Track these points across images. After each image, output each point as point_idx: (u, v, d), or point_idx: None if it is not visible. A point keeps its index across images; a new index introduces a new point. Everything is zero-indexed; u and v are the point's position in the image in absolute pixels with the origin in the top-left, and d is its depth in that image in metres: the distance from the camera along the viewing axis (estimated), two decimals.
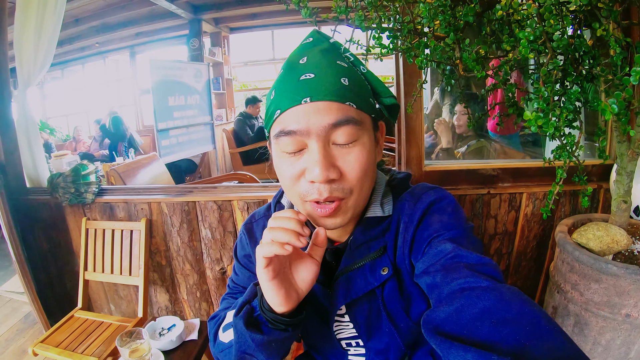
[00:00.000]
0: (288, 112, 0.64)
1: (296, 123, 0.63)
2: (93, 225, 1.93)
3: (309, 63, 0.66)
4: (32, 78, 2.07)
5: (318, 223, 0.70)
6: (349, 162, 0.65)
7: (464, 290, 0.54)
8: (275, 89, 0.69)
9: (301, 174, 0.66)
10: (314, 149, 0.64)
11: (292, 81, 0.65)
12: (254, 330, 0.66)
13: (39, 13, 1.95)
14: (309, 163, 0.64)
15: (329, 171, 0.63)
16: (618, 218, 1.25)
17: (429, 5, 0.80)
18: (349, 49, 0.73)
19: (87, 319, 1.83)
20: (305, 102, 0.63)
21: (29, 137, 2.08)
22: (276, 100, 0.67)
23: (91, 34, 5.96)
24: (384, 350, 0.82)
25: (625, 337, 1.18)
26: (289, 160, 0.67)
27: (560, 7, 0.80)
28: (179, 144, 4.43)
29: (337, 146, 0.65)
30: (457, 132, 2.50)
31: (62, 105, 7.93)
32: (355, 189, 0.68)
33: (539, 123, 0.70)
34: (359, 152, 0.66)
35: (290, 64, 0.69)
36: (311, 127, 0.63)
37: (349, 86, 0.65)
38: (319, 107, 0.63)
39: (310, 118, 0.63)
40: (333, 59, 0.68)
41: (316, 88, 0.63)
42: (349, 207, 0.69)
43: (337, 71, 0.66)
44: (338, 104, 0.63)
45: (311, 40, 0.73)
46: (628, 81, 0.65)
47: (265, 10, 5.70)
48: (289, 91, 0.65)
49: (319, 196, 0.65)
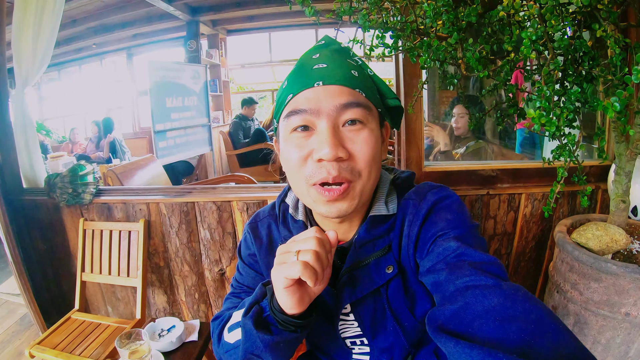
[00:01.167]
0: (300, 95, 0.67)
1: (307, 103, 0.66)
2: (90, 226, 1.92)
3: (322, 57, 0.70)
4: (29, 78, 2.06)
5: (323, 211, 0.69)
6: (358, 144, 0.66)
7: (469, 289, 0.54)
8: (288, 79, 0.72)
9: (308, 155, 0.67)
10: (323, 128, 0.65)
11: (306, 71, 0.69)
12: (263, 331, 0.65)
13: (38, 13, 1.95)
14: (318, 143, 0.65)
15: (338, 149, 0.64)
16: (617, 218, 1.26)
17: (433, 5, 0.81)
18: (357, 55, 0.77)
19: (85, 320, 1.81)
20: (318, 84, 0.66)
21: (26, 137, 2.07)
22: (288, 87, 0.70)
23: (89, 35, 5.94)
24: (389, 348, 0.82)
25: (625, 335, 1.19)
26: (298, 142, 0.68)
27: (560, 9, 0.81)
28: (176, 146, 4.42)
29: (345, 129, 0.67)
30: (456, 134, 2.51)
31: (59, 106, 7.89)
32: (364, 173, 0.68)
33: (542, 121, 0.70)
34: (367, 135, 0.67)
35: (303, 59, 0.73)
36: (322, 106, 0.65)
37: (358, 77, 0.69)
38: (330, 89, 0.66)
39: (321, 98, 0.65)
40: (344, 57, 0.72)
41: (328, 74, 0.67)
42: (357, 193, 0.69)
43: (348, 65, 0.70)
44: (349, 89, 0.67)
45: (324, 42, 0.77)
46: (630, 80, 0.66)
47: (263, 12, 5.72)
48: (302, 77, 0.68)
49: (327, 175, 0.65)
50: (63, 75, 7.72)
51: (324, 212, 0.70)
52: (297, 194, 0.75)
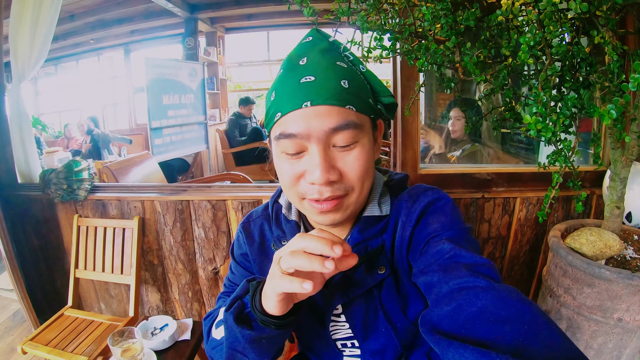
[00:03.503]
0: (289, 116, 0.64)
1: (297, 126, 0.64)
2: (85, 223, 1.91)
3: (309, 64, 0.66)
4: (26, 72, 2.04)
5: (316, 220, 0.71)
6: (349, 163, 0.66)
7: (462, 290, 0.54)
8: (275, 90, 0.68)
9: (301, 175, 0.67)
10: (314, 152, 0.64)
11: (293, 84, 0.65)
12: (244, 326, 0.65)
13: (35, 7, 1.93)
14: (310, 165, 0.65)
15: (329, 173, 0.64)
16: (611, 223, 1.27)
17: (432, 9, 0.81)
18: (349, 48, 0.74)
19: (77, 317, 1.80)
20: (306, 106, 0.63)
21: (21, 132, 2.06)
22: (277, 102, 0.67)
23: (86, 30, 5.90)
24: (380, 351, 0.82)
25: (617, 341, 1.19)
26: (289, 162, 0.68)
27: (559, 14, 0.81)
28: (172, 143, 4.40)
29: (337, 148, 0.66)
30: (452, 137, 2.52)
31: (55, 101, 7.84)
32: (356, 187, 0.68)
33: (538, 127, 0.71)
34: (359, 153, 0.67)
35: (290, 64, 0.69)
36: (312, 130, 0.63)
37: (349, 89, 0.65)
38: (319, 111, 0.63)
39: (310, 122, 0.63)
40: (333, 60, 0.68)
41: (316, 92, 0.63)
42: (349, 204, 0.70)
43: (337, 73, 0.66)
44: (338, 108, 0.64)
45: (310, 39, 0.72)
46: (627, 87, 0.66)
47: (262, 11, 5.71)
48: (290, 94, 0.65)
49: (319, 196, 0.66)
50: (60, 70, 7.67)
51: (317, 221, 0.72)
52: (290, 201, 0.76)
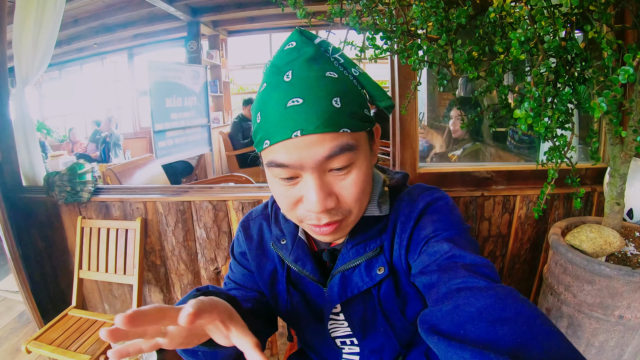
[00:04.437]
0: (278, 145, 0.60)
1: (288, 157, 0.59)
2: (88, 224, 1.93)
3: (295, 81, 0.59)
4: (30, 77, 2.07)
5: (315, 237, 0.72)
6: (346, 188, 0.64)
7: (461, 290, 0.54)
8: (260, 111, 0.62)
9: (298, 201, 0.65)
10: (309, 180, 0.61)
11: (279, 108, 0.59)
12: None
13: (39, 12, 1.96)
14: (305, 192, 0.63)
15: (327, 201, 0.62)
16: (611, 220, 1.26)
17: (422, 7, 0.81)
18: (339, 49, 0.68)
19: (81, 317, 1.82)
20: (296, 136, 0.57)
21: (26, 136, 2.08)
22: (264, 128, 0.61)
23: (90, 34, 5.95)
24: (379, 349, 0.82)
25: (618, 338, 1.18)
26: (284, 188, 0.65)
27: (552, 10, 0.81)
28: (175, 146, 4.42)
29: (333, 172, 0.63)
30: (454, 136, 2.51)
31: (59, 105, 7.90)
32: (354, 209, 0.67)
33: (529, 122, 0.71)
34: (356, 176, 0.64)
35: (273, 78, 0.62)
36: (304, 161, 0.59)
37: (341, 108, 0.59)
38: (311, 140, 0.58)
39: (302, 152, 0.59)
40: (321, 72, 0.61)
41: (305, 118, 0.57)
42: (348, 224, 0.69)
43: (328, 90, 0.59)
44: (332, 134, 0.59)
45: (294, 45, 0.64)
46: (617, 80, 0.66)
47: (264, 14, 5.73)
48: (277, 121, 0.59)
49: (317, 222, 0.65)
50: (64, 75, 7.74)
51: (317, 238, 0.72)
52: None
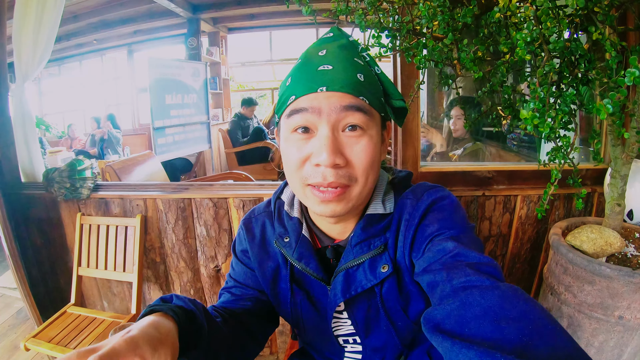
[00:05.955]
0: (302, 98, 0.66)
1: (309, 103, 0.65)
2: (88, 221, 1.92)
3: (328, 55, 0.68)
4: (29, 72, 2.06)
5: (317, 210, 0.70)
6: (356, 152, 0.66)
7: (466, 289, 0.54)
8: (291, 76, 0.70)
9: (307, 158, 0.67)
10: (323, 132, 0.65)
11: (310, 70, 0.67)
12: None
13: (39, 8, 1.95)
14: (317, 147, 0.65)
15: (336, 156, 0.64)
16: (612, 221, 1.27)
17: (429, 6, 0.81)
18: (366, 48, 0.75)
19: (80, 314, 1.82)
20: (321, 90, 0.64)
21: (25, 132, 2.07)
22: (292, 87, 0.68)
23: (89, 30, 5.94)
24: (381, 348, 0.82)
25: (618, 338, 1.19)
26: (297, 144, 0.68)
27: (557, 11, 0.81)
28: (175, 143, 4.41)
29: (345, 134, 0.66)
30: (454, 135, 2.52)
31: (59, 102, 7.88)
32: (361, 179, 0.68)
33: (535, 122, 0.71)
34: (367, 142, 0.67)
35: (309, 54, 0.71)
36: (323, 106, 0.64)
37: (364, 82, 0.67)
38: (333, 94, 0.65)
39: (322, 101, 0.65)
40: (351, 55, 0.69)
41: (332, 79, 0.65)
42: (352, 197, 0.69)
43: (354, 67, 0.67)
44: (352, 96, 0.65)
45: (332, 35, 0.74)
46: (623, 82, 0.66)
47: (264, 11, 5.73)
48: (306, 79, 0.66)
49: (322, 180, 0.65)
50: (63, 71, 7.72)
51: (317, 211, 0.70)
52: (293, 190, 0.76)
